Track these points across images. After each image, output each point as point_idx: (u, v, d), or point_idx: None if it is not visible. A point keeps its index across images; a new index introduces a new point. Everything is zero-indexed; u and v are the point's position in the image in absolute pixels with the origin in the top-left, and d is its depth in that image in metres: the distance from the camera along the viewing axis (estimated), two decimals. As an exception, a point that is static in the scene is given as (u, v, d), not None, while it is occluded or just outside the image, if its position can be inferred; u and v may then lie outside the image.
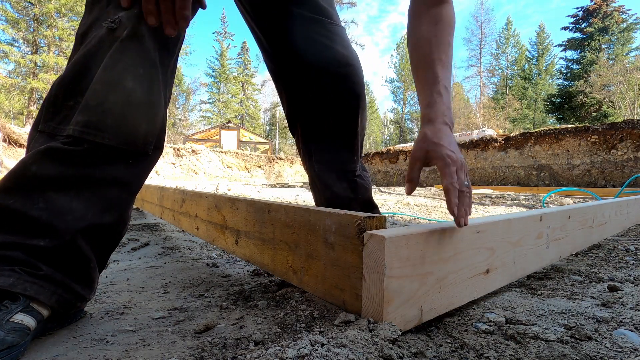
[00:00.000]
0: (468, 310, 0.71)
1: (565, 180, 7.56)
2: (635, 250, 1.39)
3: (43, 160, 0.58)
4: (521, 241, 0.85)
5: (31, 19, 20.17)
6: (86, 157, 0.61)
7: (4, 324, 0.50)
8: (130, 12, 0.64)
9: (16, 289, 0.52)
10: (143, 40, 0.65)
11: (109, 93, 0.61)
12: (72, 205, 0.59)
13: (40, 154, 0.59)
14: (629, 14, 25.57)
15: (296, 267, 0.77)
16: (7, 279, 0.52)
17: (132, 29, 0.64)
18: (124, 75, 0.62)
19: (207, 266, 1.14)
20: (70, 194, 0.59)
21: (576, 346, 0.55)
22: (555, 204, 3.84)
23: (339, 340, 0.48)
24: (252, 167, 15.76)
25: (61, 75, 0.65)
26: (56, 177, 0.59)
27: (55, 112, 0.63)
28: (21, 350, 0.51)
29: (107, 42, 0.63)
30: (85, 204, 0.60)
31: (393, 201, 4.10)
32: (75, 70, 0.63)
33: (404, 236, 0.55)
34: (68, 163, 0.59)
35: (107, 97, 0.61)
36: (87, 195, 0.61)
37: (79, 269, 0.61)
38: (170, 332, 0.63)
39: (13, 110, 23.43)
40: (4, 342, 0.48)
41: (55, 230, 0.57)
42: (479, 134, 10.03)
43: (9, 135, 10.39)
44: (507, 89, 35.84)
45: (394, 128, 48.41)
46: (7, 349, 0.48)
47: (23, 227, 0.56)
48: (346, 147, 1.12)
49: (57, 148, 0.59)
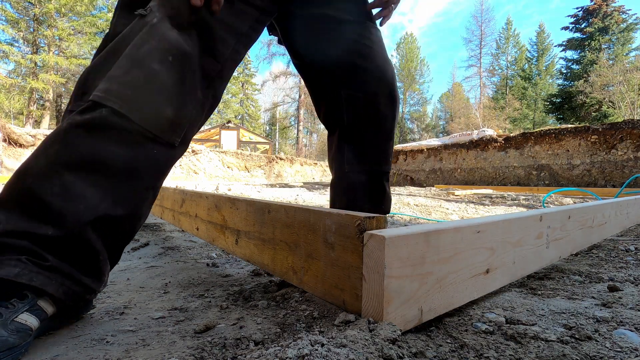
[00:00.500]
0: (468, 310, 0.71)
1: (565, 180, 7.56)
2: (635, 250, 1.39)
3: (65, 139, 0.58)
4: (521, 241, 0.85)
5: (31, 19, 20.16)
6: (105, 128, 0.58)
7: (8, 324, 0.49)
8: (162, 1, 0.64)
9: (21, 279, 0.51)
10: (174, 29, 0.64)
11: (132, 67, 0.60)
12: (86, 193, 0.57)
13: (63, 132, 0.58)
14: (629, 14, 25.55)
15: (296, 267, 0.77)
16: (13, 269, 0.52)
17: (162, 16, 0.63)
18: (151, 56, 0.61)
19: (207, 266, 1.14)
20: (86, 180, 0.57)
21: (576, 346, 0.55)
22: (555, 204, 3.84)
23: (339, 340, 0.48)
24: (252, 167, 15.76)
25: (92, 61, 0.65)
26: (73, 158, 0.57)
27: (85, 92, 0.62)
28: (22, 351, 0.51)
29: (138, 26, 0.63)
30: (99, 191, 0.58)
31: (393, 201, 4.10)
32: (105, 55, 0.63)
33: (404, 236, 0.55)
34: (86, 138, 0.58)
35: (130, 71, 0.60)
36: (101, 182, 0.59)
37: (88, 261, 0.59)
38: (170, 332, 0.63)
39: (13, 110, 23.43)
40: (6, 343, 0.48)
41: (65, 220, 0.55)
42: (479, 134, 10.02)
43: (9, 135, 10.39)
44: (507, 89, 35.83)
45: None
46: (8, 350, 0.48)
47: (36, 211, 0.55)
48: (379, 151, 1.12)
49: (76, 123, 0.58)
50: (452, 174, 10.18)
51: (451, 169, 10.26)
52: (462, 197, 5.00)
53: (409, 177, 11.56)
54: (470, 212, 3.15)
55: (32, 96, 20.93)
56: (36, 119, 21.50)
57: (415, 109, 45.98)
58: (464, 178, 9.79)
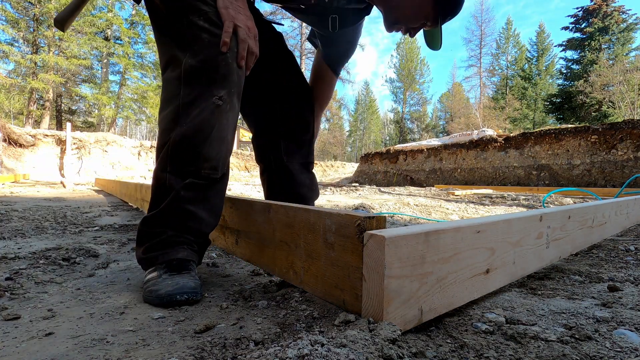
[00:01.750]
0: (468, 310, 0.71)
1: (565, 180, 7.56)
2: (635, 250, 1.39)
3: (187, 189, 0.90)
4: (521, 241, 0.85)
5: (31, 19, 20.13)
6: (209, 186, 0.94)
7: (195, 274, 0.87)
8: (229, 90, 0.92)
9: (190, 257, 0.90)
10: (235, 108, 0.97)
11: (221, 145, 0.93)
12: (203, 215, 0.92)
13: (185, 186, 0.90)
14: (629, 14, 25.57)
15: (296, 267, 0.77)
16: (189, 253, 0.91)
17: (231, 103, 0.93)
18: (228, 132, 0.94)
19: (207, 266, 1.14)
20: (203, 207, 0.92)
21: (576, 346, 0.55)
22: (555, 204, 3.84)
23: (339, 340, 0.48)
24: (252, 167, 15.75)
25: (181, 131, 0.89)
26: (195, 197, 0.91)
27: (185, 163, 0.90)
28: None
29: (217, 113, 0.91)
30: (209, 213, 0.94)
31: (393, 201, 4.10)
32: (195, 130, 0.89)
33: (403, 236, 0.55)
34: (202, 190, 0.92)
35: (220, 149, 0.93)
36: (208, 207, 0.94)
37: (203, 251, 0.99)
38: (170, 332, 0.63)
39: (13, 110, 23.42)
40: (201, 285, 0.85)
41: (203, 234, 0.95)
42: (479, 134, 10.02)
43: (9, 135, 10.39)
44: (507, 89, 35.83)
45: (394, 128, 48.43)
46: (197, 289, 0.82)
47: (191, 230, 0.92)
48: (307, 144, 1.41)
49: (195, 183, 0.91)
50: (452, 174, 10.18)
51: (451, 169, 10.26)
52: (462, 197, 5.00)
53: (409, 177, 11.57)
54: (470, 212, 3.15)
55: (32, 96, 20.92)
56: (36, 119, 21.48)
57: (415, 109, 46.02)
58: (464, 178, 9.79)
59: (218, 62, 0.90)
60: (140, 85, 24.72)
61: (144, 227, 0.91)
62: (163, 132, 0.93)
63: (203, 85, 0.90)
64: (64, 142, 11.39)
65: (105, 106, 23.14)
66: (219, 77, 0.91)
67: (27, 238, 1.58)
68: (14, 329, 0.64)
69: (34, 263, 1.12)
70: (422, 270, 0.59)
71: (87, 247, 1.35)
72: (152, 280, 0.82)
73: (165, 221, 0.89)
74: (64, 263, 1.14)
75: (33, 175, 10.35)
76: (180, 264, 0.86)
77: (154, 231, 0.89)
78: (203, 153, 0.90)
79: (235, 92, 0.94)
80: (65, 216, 2.36)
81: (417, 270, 0.58)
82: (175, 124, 0.90)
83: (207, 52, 0.90)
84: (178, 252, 0.87)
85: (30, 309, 0.74)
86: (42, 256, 1.20)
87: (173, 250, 0.87)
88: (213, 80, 0.90)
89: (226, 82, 0.91)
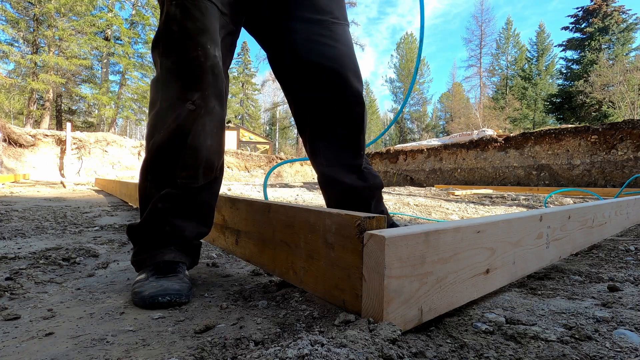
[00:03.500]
0: (468, 310, 0.71)
1: (565, 180, 7.56)
2: (635, 250, 1.39)
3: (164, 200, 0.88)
4: (521, 241, 0.85)
5: (31, 19, 20.11)
6: (188, 195, 0.90)
7: (184, 277, 0.85)
8: (202, 93, 0.86)
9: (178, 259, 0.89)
10: (214, 111, 0.90)
11: (199, 153, 0.88)
12: (184, 225, 0.90)
13: (162, 197, 0.88)
14: (629, 14, 25.55)
15: (296, 267, 0.77)
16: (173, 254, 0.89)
17: (207, 107, 0.88)
18: (205, 138, 0.88)
19: (207, 266, 1.14)
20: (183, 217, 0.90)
21: (576, 346, 0.55)
22: (555, 204, 3.84)
23: (339, 340, 0.48)
24: (252, 167, 15.76)
25: (157, 139, 0.87)
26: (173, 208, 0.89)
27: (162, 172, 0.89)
28: None
29: (190, 118, 0.86)
30: (191, 222, 0.92)
31: (393, 201, 4.09)
32: (169, 138, 0.86)
33: (403, 236, 0.55)
34: (180, 199, 0.89)
35: (198, 157, 0.88)
36: (190, 216, 0.91)
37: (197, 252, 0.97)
38: (170, 332, 0.63)
39: (13, 110, 23.42)
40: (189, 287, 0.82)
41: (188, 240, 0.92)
42: (479, 134, 10.01)
43: (9, 135, 10.38)
44: (507, 89, 35.81)
45: (394, 128, 48.38)
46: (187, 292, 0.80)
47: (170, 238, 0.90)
48: (352, 145, 1.19)
49: (171, 193, 0.88)
50: (452, 174, 10.18)
51: (451, 169, 10.26)
52: (462, 197, 5.00)
53: (409, 177, 11.56)
54: (470, 212, 3.15)
55: (32, 96, 20.89)
56: (36, 119, 21.45)
57: (415, 109, 45.99)
58: (464, 178, 9.79)
59: (190, 62, 0.83)
60: (141, 85, 24.73)
61: (129, 235, 0.92)
62: (146, 139, 0.92)
63: (178, 88, 0.85)
64: (64, 142, 11.38)
65: (105, 106, 23.14)
66: (192, 79, 0.85)
67: (27, 238, 1.58)
68: (14, 329, 0.64)
69: (34, 263, 1.12)
70: (422, 270, 0.59)
71: (87, 247, 1.35)
72: (139, 282, 0.82)
73: (147, 231, 0.89)
74: (64, 263, 1.14)
75: (33, 175, 10.34)
76: (168, 266, 0.85)
77: (139, 237, 0.90)
78: (180, 162, 0.86)
79: (211, 94, 0.88)
80: (65, 216, 2.36)
81: (417, 270, 0.58)
82: (155, 130, 0.88)
83: (178, 50, 0.84)
84: (165, 254, 0.86)
85: (30, 309, 0.74)
86: (42, 256, 1.20)
87: (159, 252, 0.87)
88: (185, 83, 0.85)
89: (200, 84, 0.85)
